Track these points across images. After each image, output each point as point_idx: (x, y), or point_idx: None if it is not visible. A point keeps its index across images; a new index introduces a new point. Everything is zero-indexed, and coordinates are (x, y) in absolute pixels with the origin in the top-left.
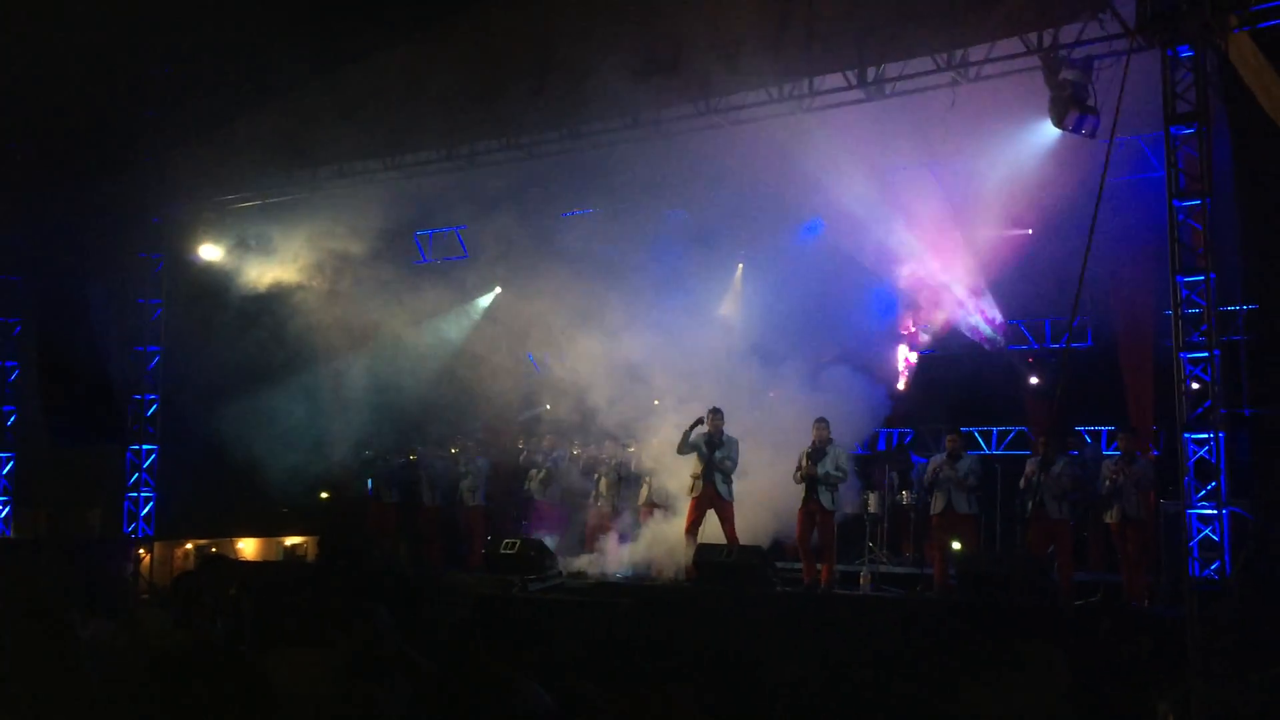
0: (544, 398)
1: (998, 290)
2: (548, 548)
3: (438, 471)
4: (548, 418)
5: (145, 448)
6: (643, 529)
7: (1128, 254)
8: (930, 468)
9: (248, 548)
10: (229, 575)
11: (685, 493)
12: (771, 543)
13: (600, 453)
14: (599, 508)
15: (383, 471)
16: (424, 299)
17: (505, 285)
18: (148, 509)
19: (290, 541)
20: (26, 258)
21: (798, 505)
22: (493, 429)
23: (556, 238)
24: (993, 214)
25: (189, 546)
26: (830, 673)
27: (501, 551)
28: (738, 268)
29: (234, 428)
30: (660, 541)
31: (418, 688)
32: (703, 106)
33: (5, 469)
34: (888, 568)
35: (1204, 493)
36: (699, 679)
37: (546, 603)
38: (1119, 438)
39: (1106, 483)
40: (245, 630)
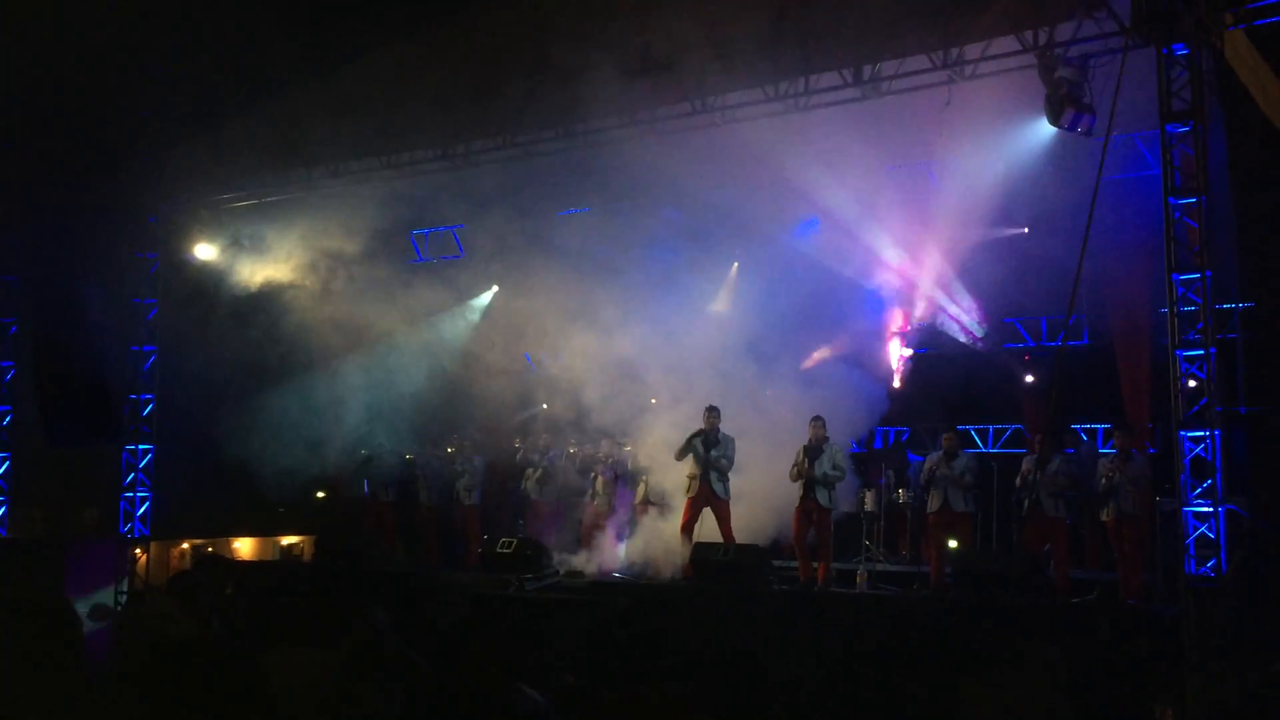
0: (541, 397)
1: (995, 289)
2: (544, 547)
3: (434, 471)
4: (544, 417)
5: (141, 447)
6: (639, 528)
7: (1124, 252)
8: (927, 466)
9: (244, 547)
10: (225, 575)
11: (682, 491)
12: (769, 541)
13: (597, 451)
14: (595, 507)
15: (379, 471)
16: (420, 298)
17: (501, 284)
18: (144, 509)
19: (287, 541)
20: (22, 257)
21: (794, 503)
22: (489, 428)
23: (552, 236)
24: (989, 212)
25: (185, 546)
26: (827, 671)
27: (498, 551)
28: (733, 266)
29: (230, 427)
30: (657, 540)
31: (415, 687)
32: (698, 105)
33: (1, 469)
34: (884, 566)
35: (1200, 490)
36: (696, 677)
37: (543, 602)
38: (1115, 435)
39: (1103, 480)
40: (241, 629)
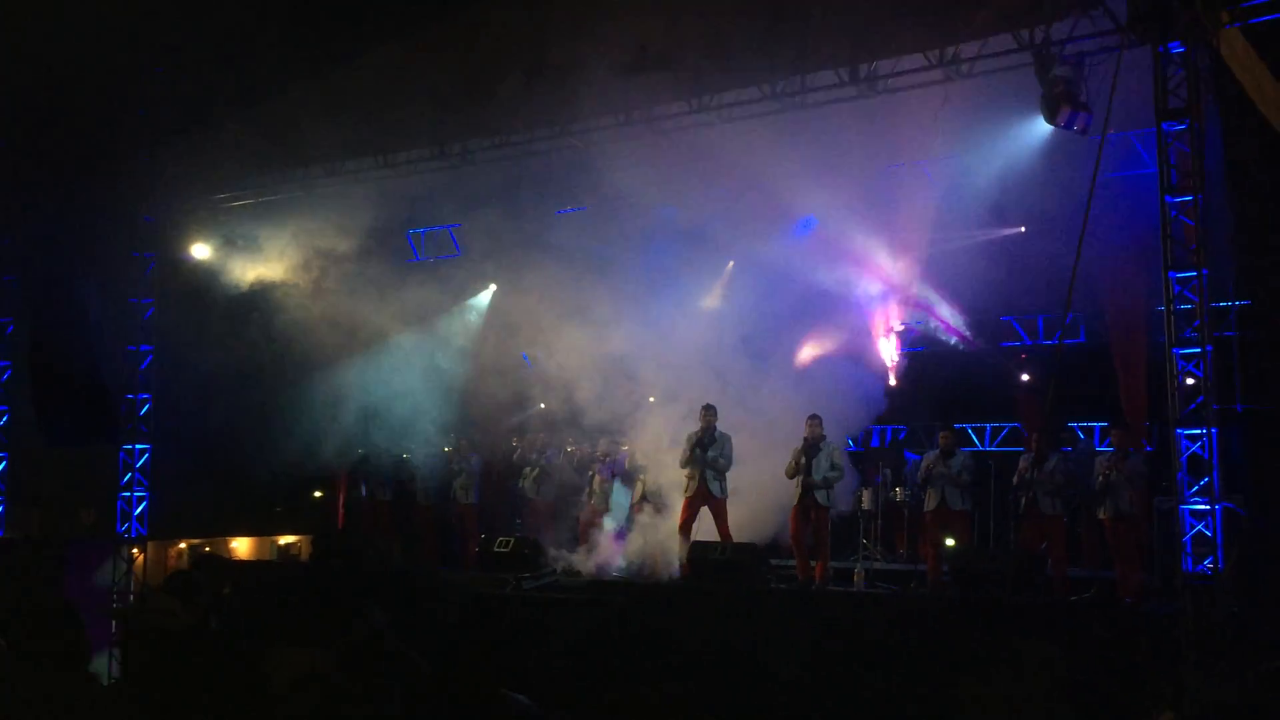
0: (538, 396)
1: (991, 287)
2: (542, 546)
3: (431, 470)
4: (541, 416)
5: (138, 447)
6: (636, 527)
7: (1120, 250)
8: (924, 464)
9: (241, 547)
10: (223, 574)
11: (679, 490)
12: (766, 540)
13: (594, 450)
14: (593, 505)
15: (376, 470)
16: (417, 297)
17: (498, 283)
18: (141, 508)
19: (284, 540)
20: (19, 257)
21: (791, 501)
22: (486, 427)
23: (549, 235)
24: (984, 211)
25: (183, 546)
26: (825, 669)
27: (495, 550)
28: (729, 264)
29: (227, 427)
30: (654, 539)
31: (412, 686)
32: (695, 104)
33: None
34: (882, 565)
35: (1197, 489)
36: (693, 676)
37: (540, 601)
38: (1112, 434)
39: (1100, 479)
40: (239, 629)
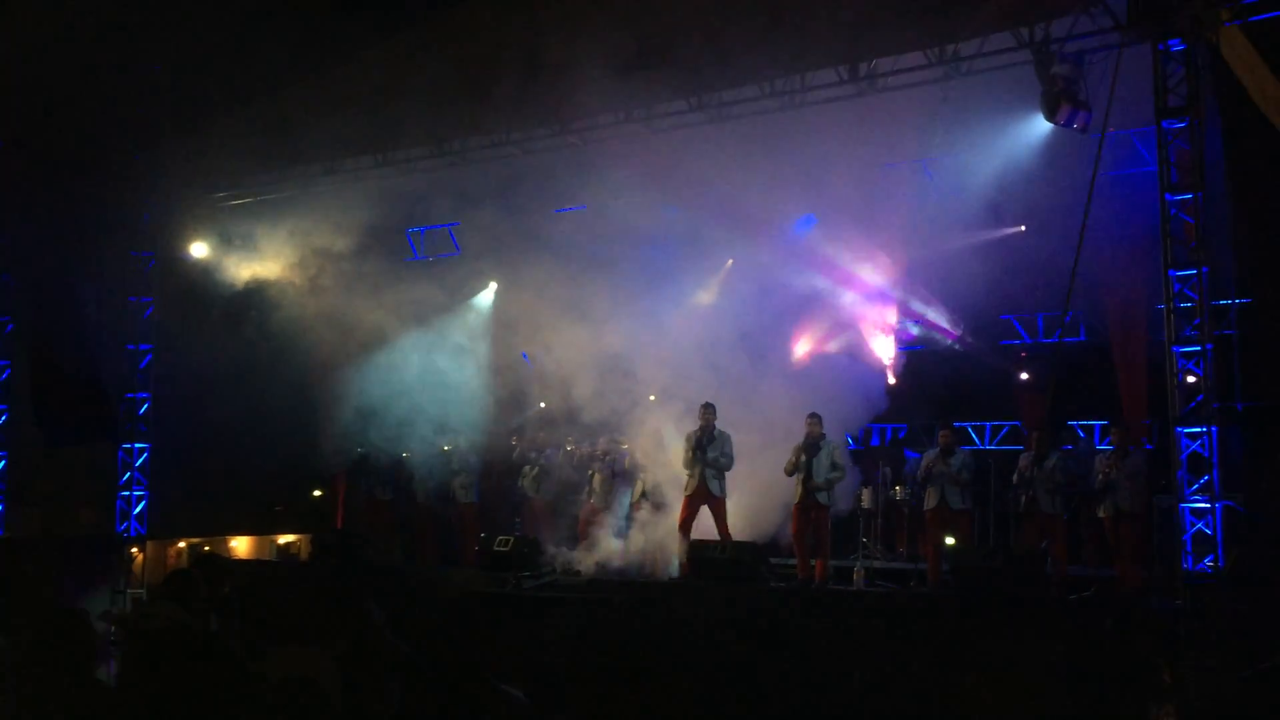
0: (537, 394)
1: (991, 286)
2: (541, 545)
3: (430, 469)
4: (541, 414)
5: (138, 446)
6: (636, 525)
7: (1120, 248)
8: (924, 463)
9: (241, 546)
10: (222, 574)
11: (679, 489)
12: (765, 538)
13: (594, 449)
14: (592, 504)
15: (375, 469)
16: (416, 296)
17: (498, 282)
18: (140, 507)
19: (283, 540)
20: (17, 256)
21: (791, 499)
22: (486, 426)
23: (548, 234)
24: (984, 209)
25: (182, 545)
26: (825, 668)
27: (495, 549)
28: (728, 262)
29: (226, 426)
30: (653, 538)
31: (410, 684)
32: (694, 102)
33: None
34: (882, 563)
35: (1197, 487)
36: (693, 674)
37: (540, 600)
38: (1112, 432)
39: (1100, 477)
40: (239, 628)
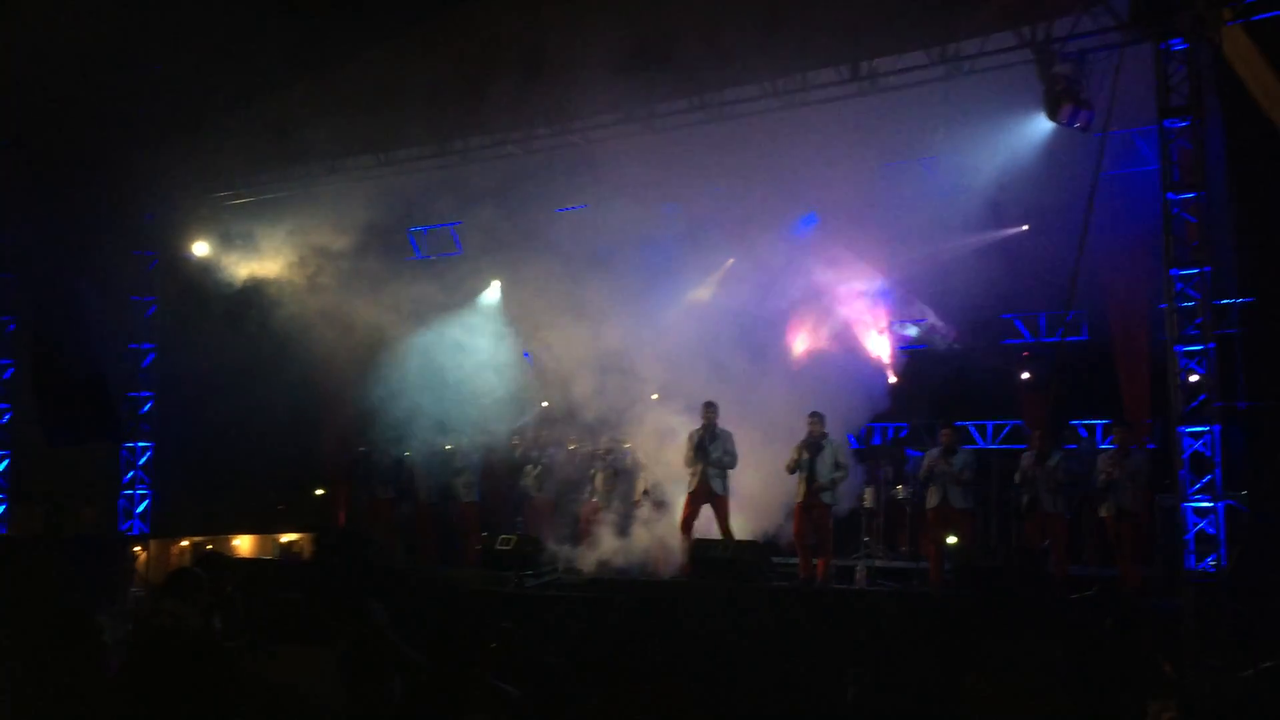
0: (539, 393)
1: (993, 285)
2: (543, 544)
3: (433, 468)
4: (543, 413)
5: (140, 445)
6: (637, 524)
7: (1122, 248)
8: (925, 462)
9: (243, 545)
10: (225, 573)
11: (681, 488)
12: (767, 537)
13: (596, 448)
14: (594, 503)
15: (377, 468)
16: (418, 295)
17: (500, 281)
18: (143, 506)
19: (286, 539)
20: (20, 255)
21: (793, 497)
22: (487, 425)
23: (550, 233)
24: (986, 209)
25: (185, 544)
26: (826, 667)
27: (497, 548)
28: (728, 261)
29: (229, 425)
30: (656, 537)
31: (412, 683)
32: (695, 101)
33: (1, 467)
34: (884, 562)
35: (1199, 486)
36: (695, 673)
37: (542, 599)
38: (1114, 431)
39: (1102, 476)
40: (242, 627)
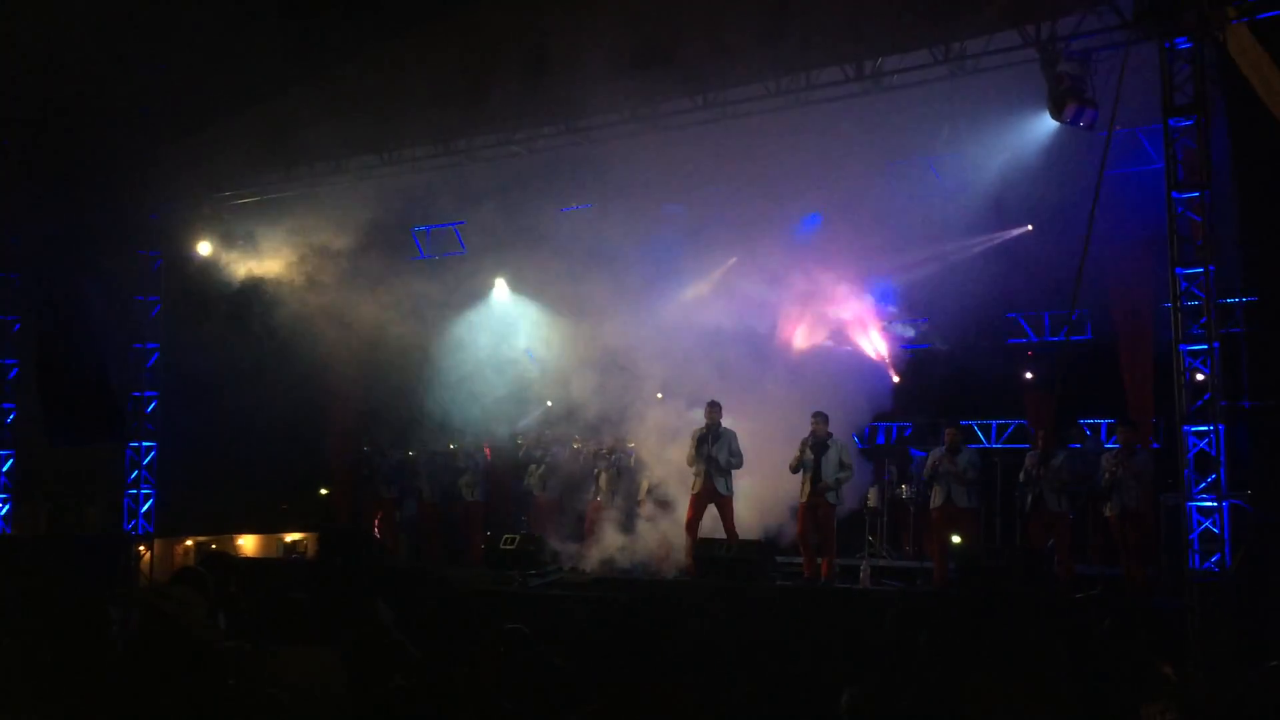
0: (543, 393)
1: (997, 284)
2: (547, 543)
3: (436, 467)
4: (547, 412)
5: (145, 445)
6: (642, 524)
7: (1127, 246)
8: (929, 461)
9: (248, 544)
10: (229, 572)
11: (685, 487)
12: (770, 536)
13: (600, 447)
14: (598, 502)
15: (381, 467)
16: (422, 294)
17: (504, 280)
18: (147, 506)
19: (290, 538)
20: (24, 255)
21: (796, 497)
22: (491, 425)
23: (554, 232)
24: (990, 208)
25: (189, 543)
26: (830, 667)
27: (501, 547)
28: (731, 260)
29: (233, 424)
30: (660, 536)
31: (415, 682)
32: (699, 101)
33: (5, 466)
34: (887, 562)
35: (1204, 485)
36: (699, 673)
37: (546, 598)
38: (1119, 431)
39: (1106, 476)
40: (246, 626)
